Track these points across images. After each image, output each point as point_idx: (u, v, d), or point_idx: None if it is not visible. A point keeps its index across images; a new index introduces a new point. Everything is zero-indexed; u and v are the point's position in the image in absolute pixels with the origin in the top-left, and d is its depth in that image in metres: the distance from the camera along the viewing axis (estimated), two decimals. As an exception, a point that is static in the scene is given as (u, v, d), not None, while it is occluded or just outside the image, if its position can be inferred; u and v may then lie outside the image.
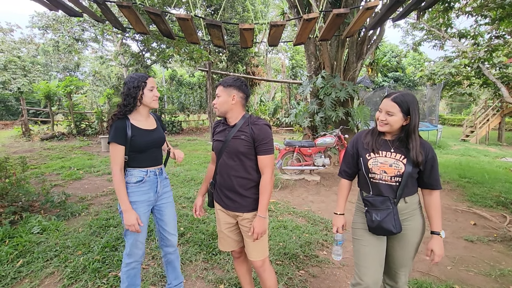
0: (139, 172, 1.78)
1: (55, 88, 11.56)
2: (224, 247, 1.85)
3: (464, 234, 3.38)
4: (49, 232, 3.04)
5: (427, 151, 1.50)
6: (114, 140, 1.69)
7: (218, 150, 1.71)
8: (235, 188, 1.67)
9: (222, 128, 1.74)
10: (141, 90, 1.75)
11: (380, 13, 2.93)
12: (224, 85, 1.67)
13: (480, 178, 5.53)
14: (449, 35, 12.46)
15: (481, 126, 13.77)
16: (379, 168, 1.52)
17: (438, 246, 1.53)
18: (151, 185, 1.82)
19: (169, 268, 2.05)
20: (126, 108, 1.75)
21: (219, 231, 1.85)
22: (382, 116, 1.50)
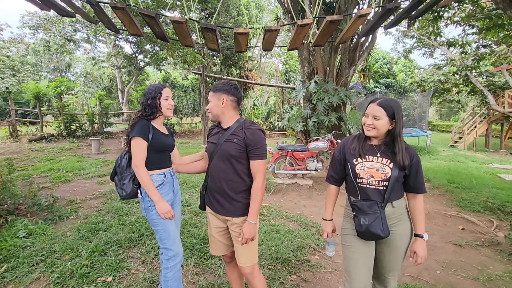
0: (158, 176, 1.84)
1: (45, 89, 11.34)
2: (215, 251, 1.84)
3: (453, 239, 3.43)
4: (35, 236, 2.96)
5: (412, 155, 1.53)
6: (139, 135, 1.73)
7: (211, 153, 1.72)
8: (226, 192, 1.66)
9: (216, 131, 1.76)
10: (158, 100, 1.84)
11: (372, 21, 2.99)
12: (214, 90, 1.70)
13: (468, 183, 5.64)
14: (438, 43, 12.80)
15: (469, 133, 14.11)
16: (367, 172, 1.53)
17: (422, 248, 1.56)
18: (169, 185, 1.90)
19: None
20: (152, 115, 1.84)
21: (210, 235, 1.84)
22: (369, 121, 1.53)
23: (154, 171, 1.83)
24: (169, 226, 1.82)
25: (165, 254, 1.84)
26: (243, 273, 1.74)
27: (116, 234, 3.05)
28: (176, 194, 2.00)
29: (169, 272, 1.83)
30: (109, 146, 9.90)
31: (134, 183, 1.82)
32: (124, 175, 1.85)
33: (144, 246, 2.87)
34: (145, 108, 1.84)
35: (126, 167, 1.86)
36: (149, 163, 1.80)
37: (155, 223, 1.81)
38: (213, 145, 1.72)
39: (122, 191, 1.84)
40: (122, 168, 1.86)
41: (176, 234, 1.87)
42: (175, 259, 1.83)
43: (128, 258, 2.66)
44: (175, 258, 1.83)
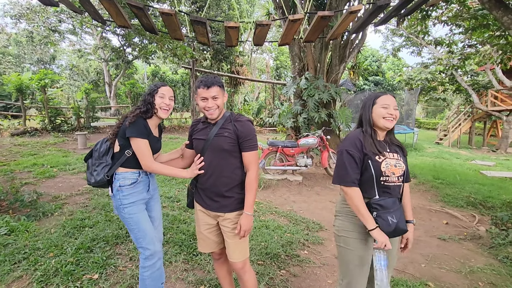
0: (132, 174, 1.77)
1: (28, 81, 10.92)
2: (204, 248, 1.81)
3: (437, 233, 3.53)
4: (17, 233, 2.86)
5: (401, 145, 1.61)
6: (141, 136, 1.69)
7: (200, 149, 1.67)
8: (219, 188, 1.64)
9: (203, 127, 1.71)
10: (153, 97, 1.77)
11: (363, 18, 3.01)
12: (220, 85, 1.63)
13: (452, 179, 5.81)
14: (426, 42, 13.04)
15: (453, 130, 14.52)
16: (390, 170, 1.47)
17: (412, 233, 1.59)
18: (144, 185, 1.84)
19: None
20: (146, 115, 1.76)
21: (198, 232, 1.80)
22: (392, 111, 1.47)
23: (129, 169, 1.77)
24: (144, 225, 1.77)
25: (142, 254, 1.79)
26: (235, 268, 1.72)
27: (103, 231, 2.99)
28: (152, 194, 1.93)
29: (147, 271, 1.78)
30: (96, 141, 9.67)
31: (107, 173, 1.74)
32: (100, 161, 1.78)
33: (131, 243, 2.82)
34: (142, 104, 1.78)
35: (104, 155, 1.79)
36: (127, 162, 1.75)
37: (129, 222, 1.76)
38: (202, 141, 1.66)
39: (91, 177, 1.78)
40: (100, 153, 1.80)
41: (152, 232, 1.81)
42: (153, 258, 1.78)
43: (115, 255, 2.61)
44: (153, 258, 1.78)
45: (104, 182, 1.75)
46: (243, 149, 1.62)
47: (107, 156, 1.78)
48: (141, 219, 1.78)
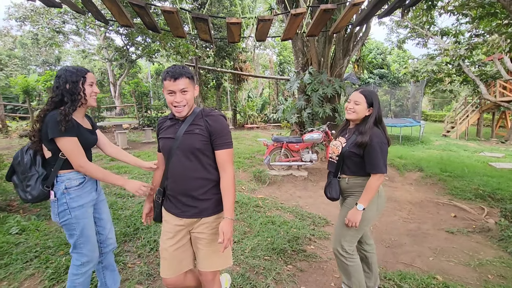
0: (77, 174, 1.63)
1: (34, 83, 11.06)
2: (167, 272, 1.52)
3: (445, 226, 3.50)
4: (28, 232, 2.92)
5: (372, 139, 1.74)
6: (68, 134, 1.50)
7: (168, 150, 1.47)
8: (193, 192, 1.46)
9: (170, 124, 1.52)
10: (80, 85, 1.57)
11: (366, 10, 2.96)
12: (189, 77, 1.41)
13: (460, 172, 5.74)
14: (432, 33, 12.80)
15: (461, 122, 14.28)
16: (332, 149, 1.97)
17: (351, 213, 1.80)
18: (91, 184, 1.72)
19: (107, 272, 1.93)
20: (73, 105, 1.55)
21: (163, 250, 1.53)
22: (350, 105, 1.83)
23: (72, 169, 1.61)
24: (88, 231, 1.66)
25: (77, 260, 1.66)
26: (204, 280, 1.55)
27: (111, 229, 3.03)
28: (99, 193, 1.82)
29: (79, 279, 1.66)
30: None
31: (45, 184, 1.56)
32: (28, 175, 1.57)
33: (139, 240, 2.87)
34: (58, 94, 1.54)
35: (30, 165, 1.58)
36: (66, 163, 1.58)
37: (72, 227, 1.61)
38: (170, 140, 1.47)
39: (26, 194, 1.57)
40: (25, 166, 1.57)
41: (94, 239, 1.70)
42: (88, 265, 1.68)
43: (123, 252, 2.65)
44: (88, 264, 1.68)
45: (46, 194, 1.57)
46: (216, 147, 1.45)
47: (36, 166, 1.58)
48: (87, 225, 1.65)
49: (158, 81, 18.87)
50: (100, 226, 1.84)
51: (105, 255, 1.89)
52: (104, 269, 1.91)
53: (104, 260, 1.89)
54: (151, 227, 3.10)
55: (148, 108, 13.41)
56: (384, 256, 2.81)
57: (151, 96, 15.91)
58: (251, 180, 5.23)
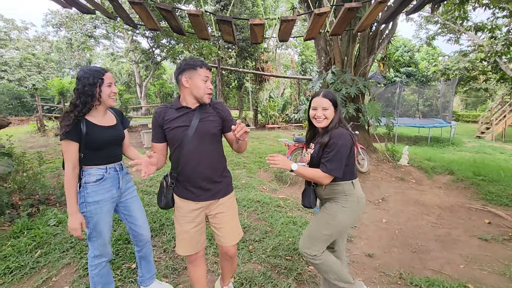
0: (97, 170, 1.70)
1: (68, 85, 11.80)
2: (188, 250, 1.65)
3: (478, 233, 3.31)
4: (64, 224, 3.13)
5: (331, 138, 1.68)
6: (67, 137, 1.58)
7: (181, 138, 1.54)
8: (212, 175, 1.59)
9: (180, 113, 1.57)
10: (98, 87, 1.63)
11: (393, 7, 2.87)
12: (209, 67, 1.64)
13: (495, 176, 5.38)
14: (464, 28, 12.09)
15: (497, 123, 13.36)
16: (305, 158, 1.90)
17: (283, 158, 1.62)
18: (112, 181, 1.75)
19: (143, 262, 2.05)
20: (85, 107, 1.62)
21: (183, 232, 1.64)
22: (319, 113, 1.72)
23: (94, 165, 1.69)
24: (101, 227, 1.72)
25: (91, 251, 1.77)
26: (230, 254, 1.71)
27: (139, 224, 3.18)
28: (125, 191, 1.87)
29: (95, 269, 1.78)
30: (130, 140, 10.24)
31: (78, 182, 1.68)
32: None
33: (165, 236, 2.98)
34: (79, 96, 1.61)
35: None
36: (86, 160, 1.67)
37: (87, 220, 1.70)
38: (184, 128, 1.54)
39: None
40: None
41: (107, 236, 1.77)
42: (100, 259, 1.77)
43: (150, 247, 2.76)
44: (100, 258, 1.77)
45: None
46: (227, 130, 1.65)
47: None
48: (100, 222, 1.72)
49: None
50: (131, 222, 1.94)
51: (141, 247, 2.02)
52: (141, 259, 2.05)
53: (141, 251, 2.03)
54: (176, 223, 3.21)
55: (172, 108, 13.84)
56: (411, 261, 2.71)
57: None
58: (272, 180, 5.24)
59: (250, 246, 2.79)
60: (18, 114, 19.09)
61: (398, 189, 4.91)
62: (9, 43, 22.67)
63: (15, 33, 23.41)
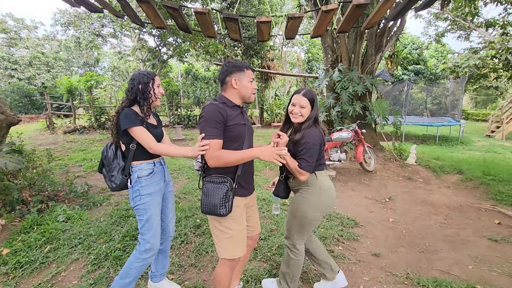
0: (147, 165, 1.82)
1: (76, 83, 11.97)
2: (244, 248, 1.69)
3: (487, 233, 3.25)
4: (73, 220, 3.19)
5: (303, 137, 1.78)
6: (138, 124, 1.73)
7: (243, 135, 1.62)
8: (252, 170, 1.74)
9: (236, 112, 1.61)
10: (151, 86, 1.83)
11: (402, 3, 2.83)
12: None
13: (506, 175, 5.27)
14: (475, 25, 11.84)
15: (508, 121, 13.06)
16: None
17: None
18: (160, 175, 1.88)
19: (160, 256, 2.08)
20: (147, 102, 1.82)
21: (242, 231, 1.65)
22: (296, 110, 1.83)
23: (143, 161, 1.81)
24: (153, 219, 1.81)
25: (142, 245, 1.81)
26: (254, 242, 1.93)
27: (145, 221, 3.21)
28: (168, 184, 1.98)
29: (138, 263, 1.80)
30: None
31: (124, 174, 1.79)
32: (112, 166, 1.81)
33: (171, 233, 3.00)
34: (135, 93, 1.79)
35: (113, 159, 1.82)
36: (137, 155, 1.78)
37: (141, 213, 1.79)
38: (244, 126, 1.62)
39: (112, 183, 1.81)
40: (109, 159, 1.82)
41: (158, 228, 1.85)
42: (150, 252, 1.81)
43: (157, 243, 2.79)
44: (150, 252, 1.81)
45: (125, 182, 1.80)
46: None
47: (118, 159, 1.82)
48: (153, 213, 1.81)
49: (188, 80, 19.45)
50: (163, 214, 2.01)
51: (164, 240, 2.06)
52: (160, 252, 2.08)
53: (162, 244, 2.07)
54: (182, 220, 3.23)
55: (178, 107, 13.91)
56: (418, 261, 2.68)
57: (181, 95, 16.46)
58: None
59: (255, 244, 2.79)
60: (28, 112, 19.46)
61: (406, 189, 4.86)
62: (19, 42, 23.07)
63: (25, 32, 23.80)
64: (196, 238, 2.92)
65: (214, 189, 1.53)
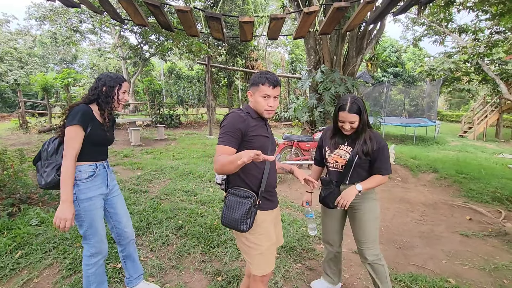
0: (88, 167, 1.72)
1: (52, 80, 11.44)
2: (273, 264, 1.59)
3: (459, 229, 3.42)
4: (47, 224, 3.05)
5: (375, 144, 1.78)
6: (79, 123, 1.60)
7: (267, 147, 1.55)
8: (275, 183, 1.64)
9: (258, 123, 1.55)
10: (116, 91, 1.77)
11: (381, 7, 2.92)
12: (280, 85, 1.56)
13: (477, 174, 5.57)
14: (449, 30, 12.41)
15: (479, 123, 13.81)
16: (333, 158, 1.90)
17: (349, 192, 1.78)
18: (102, 178, 1.78)
19: (128, 262, 2.02)
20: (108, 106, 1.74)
21: (271, 246, 1.55)
22: (346, 126, 1.77)
23: (84, 162, 1.70)
24: (97, 223, 1.72)
25: (87, 251, 1.74)
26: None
27: (125, 223, 3.12)
28: (112, 189, 1.88)
29: (91, 269, 1.75)
30: (116, 137, 10.02)
31: (58, 173, 1.63)
32: (49, 161, 1.68)
33: (152, 234, 2.94)
34: (94, 93, 1.71)
35: (53, 154, 1.69)
36: (81, 154, 1.66)
37: (81, 218, 1.68)
38: (267, 138, 1.56)
39: (42, 179, 1.67)
40: (48, 153, 1.70)
41: (103, 232, 1.76)
42: (97, 256, 1.75)
43: (136, 246, 2.72)
44: (97, 255, 1.75)
45: (56, 182, 1.64)
46: None
47: (57, 155, 1.69)
48: (95, 217, 1.71)
49: (171, 79, 19.11)
50: (116, 220, 1.92)
51: (125, 246, 1.98)
52: (125, 258, 2.02)
53: (125, 250, 1.99)
54: (163, 222, 3.17)
55: (160, 106, 13.64)
56: (395, 257, 2.77)
57: (163, 94, 16.15)
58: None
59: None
60: (-1, 110, 18.39)
61: (385, 187, 5.01)
62: (-12, 36, 21.75)
63: (-4, 26, 22.47)
64: (178, 240, 2.87)
65: (237, 203, 1.47)
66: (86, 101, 1.72)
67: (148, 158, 6.51)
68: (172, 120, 13.01)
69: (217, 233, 2.99)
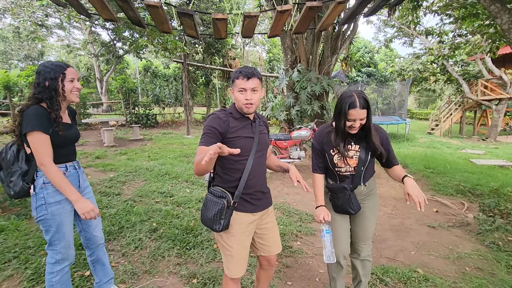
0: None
1: (15, 78, 10.68)
2: (244, 268, 1.56)
3: (427, 221, 3.60)
4: (7, 232, 2.83)
5: (381, 137, 1.70)
6: (40, 128, 1.47)
7: (249, 149, 1.50)
8: (262, 186, 1.59)
9: (241, 124, 1.50)
10: (59, 82, 1.55)
11: (352, 8, 2.99)
12: (260, 77, 1.47)
13: (442, 168, 5.91)
14: (417, 32, 13.06)
15: (445, 120, 14.69)
16: (343, 161, 1.72)
17: (411, 186, 1.59)
18: (73, 180, 1.68)
19: (98, 266, 1.93)
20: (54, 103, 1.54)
21: (242, 250, 1.52)
22: (357, 124, 1.59)
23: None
24: (64, 228, 1.63)
25: (51, 257, 1.63)
26: (273, 262, 1.73)
27: (95, 228, 2.97)
28: (84, 190, 1.78)
29: (55, 277, 1.63)
30: (88, 138, 9.55)
31: (25, 181, 1.56)
32: (12, 170, 1.58)
33: (124, 239, 2.82)
34: (40, 91, 1.52)
35: (13, 162, 1.58)
36: None
37: (48, 223, 1.58)
38: (250, 139, 1.50)
39: (10, 190, 1.58)
40: (8, 162, 1.58)
41: (70, 237, 1.66)
42: (63, 263, 1.65)
43: (107, 251, 2.60)
44: (63, 262, 1.65)
45: (26, 191, 1.57)
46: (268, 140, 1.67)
47: (19, 162, 1.58)
48: (64, 222, 1.62)
49: (147, 77, 18.54)
50: (84, 224, 1.81)
51: (93, 250, 1.89)
52: (94, 262, 1.92)
53: (93, 254, 1.89)
54: (137, 225, 3.06)
55: (135, 105, 13.17)
56: (368, 251, 2.87)
57: (139, 92, 15.61)
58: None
59: (214, 244, 2.75)
60: (-47, 110, 16.87)
61: (359, 183, 5.17)
62: None
63: (-52, 18, 20.57)
64: (152, 243, 2.78)
65: (212, 202, 1.46)
66: (34, 101, 1.54)
67: (122, 159, 6.26)
68: (148, 120, 12.61)
69: (193, 234, 2.94)
